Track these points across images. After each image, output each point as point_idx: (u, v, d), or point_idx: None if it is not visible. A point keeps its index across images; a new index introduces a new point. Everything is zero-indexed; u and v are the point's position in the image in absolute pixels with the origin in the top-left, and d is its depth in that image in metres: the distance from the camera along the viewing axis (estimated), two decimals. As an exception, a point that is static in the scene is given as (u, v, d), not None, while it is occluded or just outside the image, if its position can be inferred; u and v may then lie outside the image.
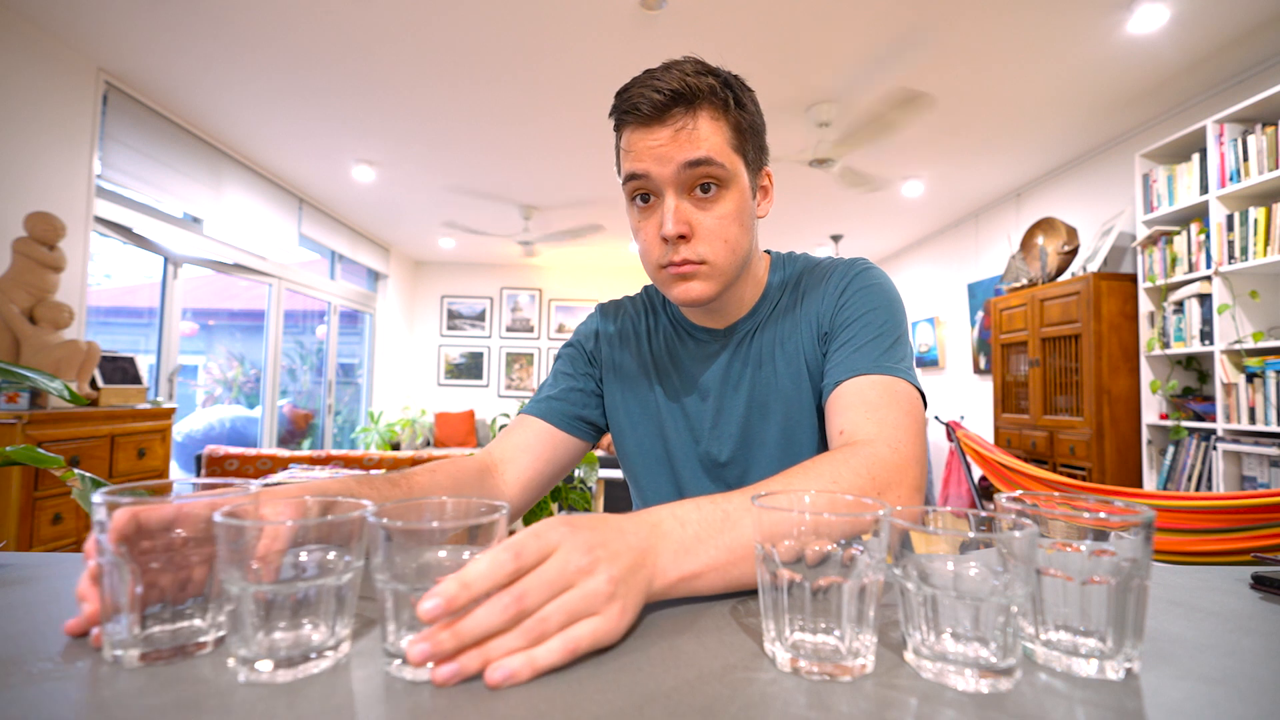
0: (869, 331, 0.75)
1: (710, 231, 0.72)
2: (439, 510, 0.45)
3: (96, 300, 3.17)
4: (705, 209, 0.72)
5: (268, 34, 2.71)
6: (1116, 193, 3.67)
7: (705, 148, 0.69)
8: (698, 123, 0.69)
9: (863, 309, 0.77)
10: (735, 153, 0.72)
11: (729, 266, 0.75)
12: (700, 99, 0.69)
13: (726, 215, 0.72)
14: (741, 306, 0.86)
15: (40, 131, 2.69)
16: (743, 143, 0.73)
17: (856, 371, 0.72)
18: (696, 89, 0.69)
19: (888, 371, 0.71)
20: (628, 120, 0.72)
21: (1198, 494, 2.12)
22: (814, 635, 0.40)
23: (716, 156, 0.70)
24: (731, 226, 0.73)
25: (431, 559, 0.41)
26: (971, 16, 2.50)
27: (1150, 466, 3.14)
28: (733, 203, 0.73)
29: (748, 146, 0.74)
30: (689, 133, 0.69)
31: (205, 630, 0.42)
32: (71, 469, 0.78)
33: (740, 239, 0.74)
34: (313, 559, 0.40)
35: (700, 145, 0.69)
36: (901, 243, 6.27)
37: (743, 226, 0.74)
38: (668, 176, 0.70)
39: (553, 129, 3.64)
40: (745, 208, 0.75)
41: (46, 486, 2.20)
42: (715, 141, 0.70)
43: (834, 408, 0.72)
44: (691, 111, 0.69)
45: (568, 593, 0.39)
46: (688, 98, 0.69)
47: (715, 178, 0.71)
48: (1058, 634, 0.41)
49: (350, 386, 6.51)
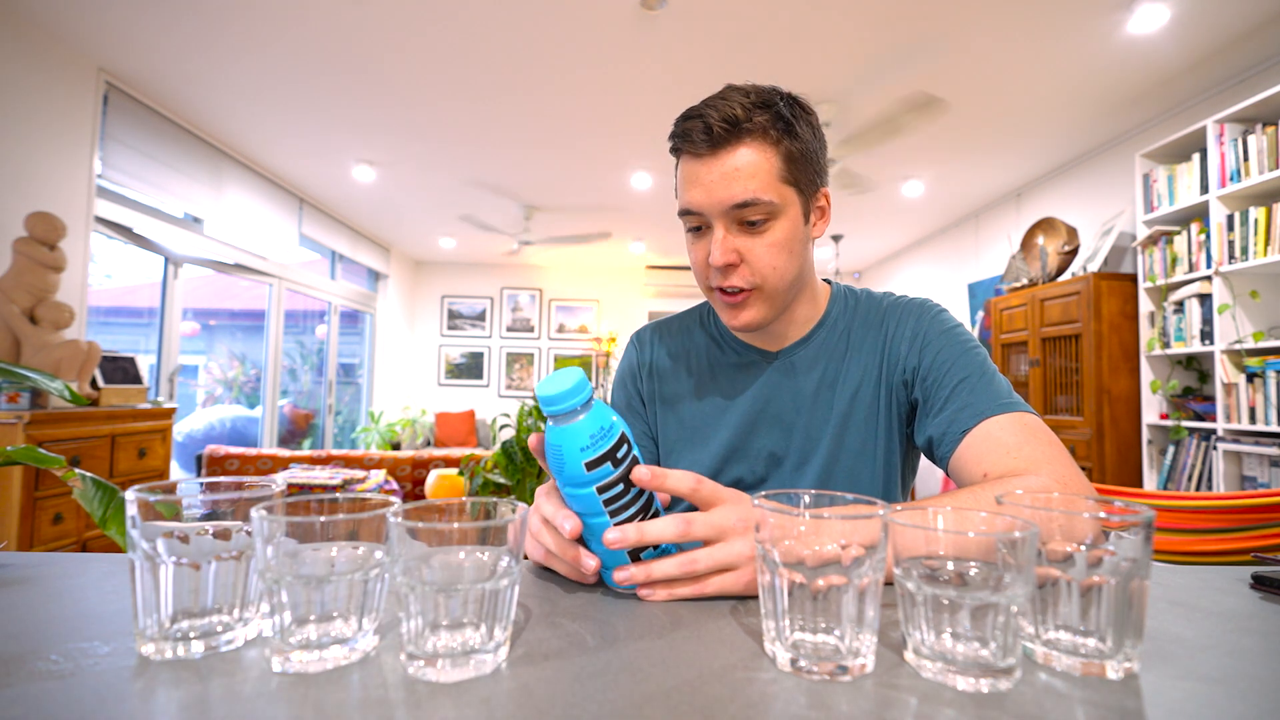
0: (974, 372, 0.73)
1: (758, 258, 0.74)
2: (459, 511, 0.45)
3: (97, 300, 3.17)
4: (754, 236, 0.74)
5: (268, 34, 2.71)
6: (1117, 193, 3.67)
7: (753, 187, 0.71)
8: (746, 159, 0.71)
9: (957, 350, 0.76)
10: (785, 184, 0.73)
11: (777, 291, 0.76)
12: (751, 133, 0.71)
13: (775, 244, 0.74)
14: (796, 331, 0.86)
15: (41, 131, 2.69)
16: (794, 172, 0.74)
17: (982, 415, 0.70)
18: (746, 123, 0.70)
19: (1010, 409, 0.70)
20: (682, 149, 0.75)
21: (1198, 494, 2.11)
22: (814, 635, 0.40)
23: (763, 195, 0.71)
24: (780, 255, 0.74)
25: (452, 559, 0.41)
26: (971, 17, 2.50)
27: (1150, 466, 3.13)
28: (782, 232, 0.74)
29: (800, 174, 0.74)
30: (736, 171, 0.71)
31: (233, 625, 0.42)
32: (72, 469, 0.78)
33: (788, 265, 0.75)
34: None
35: (748, 185, 0.71)
36: (901, 243, 6.27)
37: (791, 253, 0.75)
38: (716, 212, 0.73)
39: (553, 129, 3.64)
40: (795, 234, 0.75)
41: (47, 486, 2.20)
42: (763, 178, 0.71)
43: (969, 455, 0.69)
44: (740, 145, 0.71)
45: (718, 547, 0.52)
46: (737, 131, 0.71)
47: (764, 213, 0.73)
48: (1058, 634, 0.41)
49: (351, 386, 6.51)
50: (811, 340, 0.86)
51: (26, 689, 0.35)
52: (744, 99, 0.72)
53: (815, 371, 0.84)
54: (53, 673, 0.37)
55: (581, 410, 0.50)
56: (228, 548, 0.42)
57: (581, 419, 0.50)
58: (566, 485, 0.51)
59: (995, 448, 0.67)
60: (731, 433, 0.85)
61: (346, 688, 0.36)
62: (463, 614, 0.39)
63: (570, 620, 0.48)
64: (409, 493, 3.85)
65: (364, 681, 0.37)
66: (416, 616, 0.39)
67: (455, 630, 0.39)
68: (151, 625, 0.40)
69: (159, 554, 0.40)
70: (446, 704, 0.34)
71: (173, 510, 0.42)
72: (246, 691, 0.36)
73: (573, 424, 0.50)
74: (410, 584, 0.39)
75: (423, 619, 0.39)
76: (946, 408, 0.73)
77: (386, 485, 3.65)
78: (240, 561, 0.43)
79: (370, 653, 0.41)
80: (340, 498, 0.44)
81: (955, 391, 0.73)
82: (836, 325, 0.86)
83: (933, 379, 0.76)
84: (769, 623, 0.41)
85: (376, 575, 0.41)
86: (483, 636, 0.39)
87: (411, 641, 0.39)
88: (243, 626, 0.42)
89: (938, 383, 0.75)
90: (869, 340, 0.83)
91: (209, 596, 0.42)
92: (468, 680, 0.37)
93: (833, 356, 0.84)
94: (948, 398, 0.74)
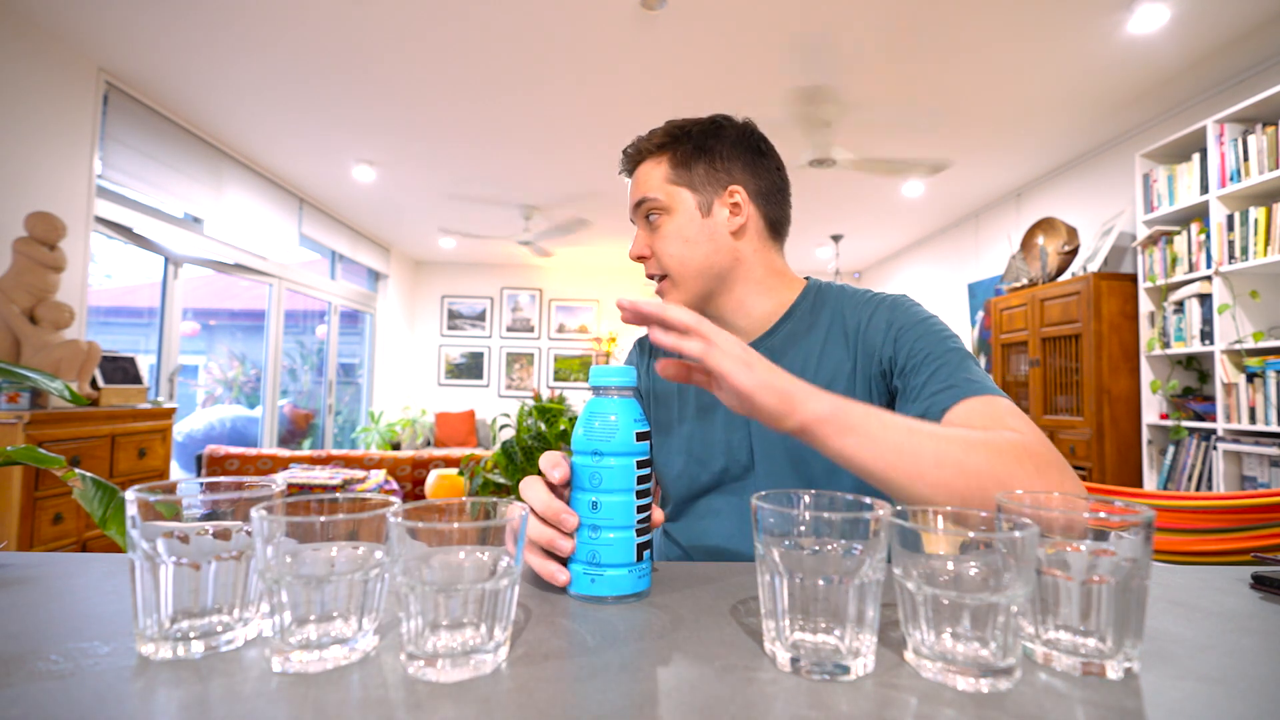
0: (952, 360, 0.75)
1: (659, 249, 0.87)
2: (459, 511, 0.45)
3: (97, 300, 3.17)
4: (654, 231, 0.88)
5: (268, 34, 2.71)
6: (1117, 193, 3.67)
7: (642, 190, 0.88)
8: (643, 172, 0.89)
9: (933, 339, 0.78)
10: (673, 184, 0.86)
11: (684, 278, 0.87)
12: (649, 153, 0.88)
13: (668, 235, 0.86)
14: (753, 323, 0.88)
15: (41, 131, 2.69)
16: (684, 175, 0.86)
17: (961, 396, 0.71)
18: (645, 144, 0.89)
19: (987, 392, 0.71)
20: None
21: (1198, 494, 2.11)
22: (814, 635, 0.40)
23: (649, 194, 0.87)
24: (674, 243, 0.86)
25: (452, 559, 0.41)
26: (972, 17, 2.50)
27: (1150, 466, 3.13)
28: (673, 224, 0.86)
29: (692, 176, 0.86)
30: (637, 181, 0.90)
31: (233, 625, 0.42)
32: (72, 469, 0.78)
33: (685, 252, 0.86)
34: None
35: (640, 189, 0.88)
36: (901, 243, 6.27)
37: (687, 242, 0.86)
38: (632, 217, 0.91)
39: (554, 128, 3.64)
40: (687, 226, 0.86)
41: (47, 486, 2.20)
42: (652, 181, 0.87)
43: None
44: (642, 163, 0.89)
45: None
46: (639, 155, 0.89)
47: (655, 209, 0.87)
48: (1058, 634, 0.41)
49: (351, 386, 6.51)
50: (777, 332, 0.88)
51: (26, 689, 0.35)
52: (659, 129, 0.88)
53: (783, 362, 0.84)
54: (53, 673, 0.37)
55: (631, 392, 0.58)
56: (228, 548, 0.42)
57: (631, 397, 0.58)
58: (613, 454, 0.55)
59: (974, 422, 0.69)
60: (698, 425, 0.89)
61: (346, 688, 0.36)
62: (463, 614, 0.39)
63: (570, 620, 0.48)
64: (409, 493, 3.85)
65: (364, 681, 0.37)
66: (416, 616, 0.39)
67: (455, 630, 0.39)
68: (151, 625, 0.40)
69: (159, 554, 0.40)
70: (446, 704, 0.34)
71: (173, 510, 0.42)
72: (246, 691, 0.36)
73: (628, 398, 0.57)
74: (410, 584, 0.39)
75: (423, 619, 0.39)
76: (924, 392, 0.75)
77: (386, 485, 3.65)
78: (240, 561, 0.43)
79: (370, 653, 0.41)
80: (340, 498, 0.44)
81: (933, 377, 0.75)
82: (804, 318, 0.88)
83: (911, 366, 0.78)
84: (769, 623, 0.41)
85: (376, 575, 0.41)
86: (483, 636, 0.39)
87: (411, 641, 0.39)
88: (243, 626, 0.42)
89: (915, 369, 0.77)
90: (841, 331, 0.84)
91: (209, 596, 0.42)
92: (468, 680, 0.37)
93: (801, 347, 0.85)
94: (925, 382, 0.75)
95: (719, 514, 0.85)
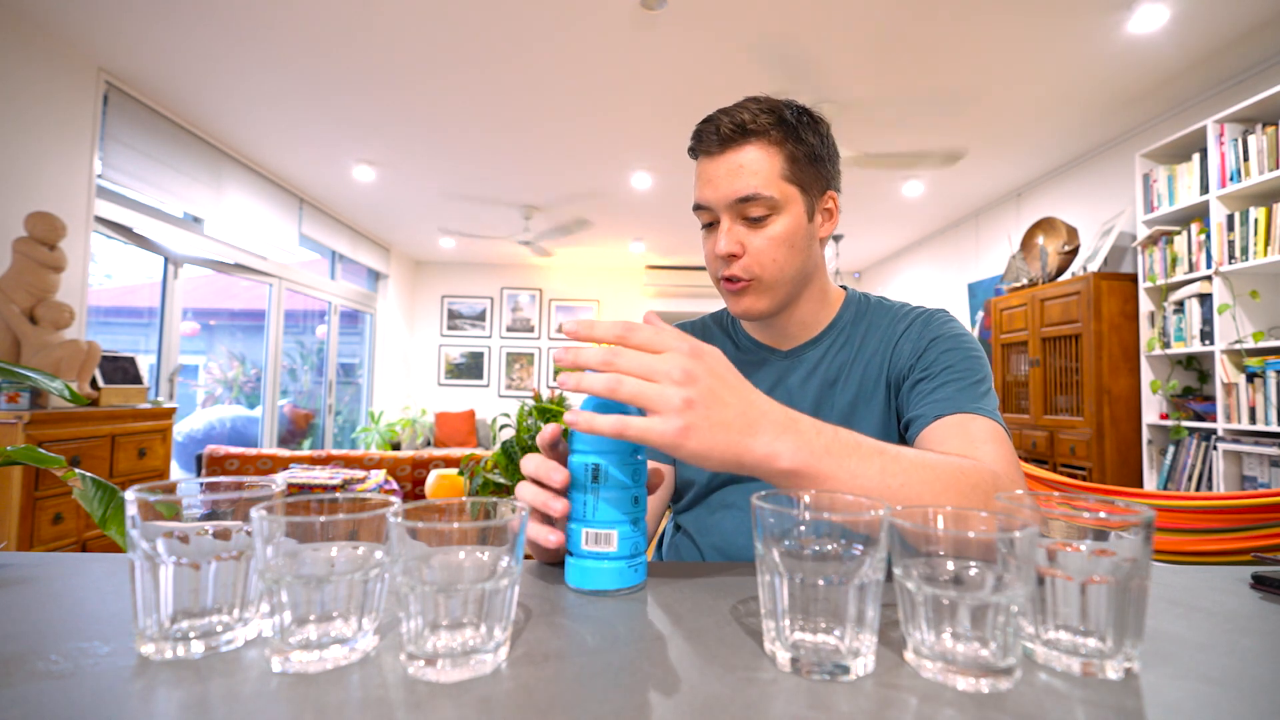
0: (968, 376, 0.76)
1: (759, 251, 0.79)
2: (459, 511, 0.45)
3: (97, 300, 3.17)
4: (756, 230, 0.79)
5: (269, 34, 2.71)
6: (1117, 193, 3.67)
7: (755, 183, 0.77)
8: (750, 157, 0.78)
9: (959, 354, 0.79)
10: (787, 182, 0.79)
11: (776, 283, 0.81)
12: (756, 135, 0.78)
13: (775, 238, 0.79)
14: (805, 330, 0.89)
15: (41, 131, 2.69)
16: (797, 172, 0.79)
17: (959, 409, 0.72)
18: (752, 126, 0.77)
19: (988, 415, 0.72)
20: (698, 150, 0.82)
21: (1198, 494, 2.11)
22: (814, 635, 0.40)
23: (764, 190, 0.77)
24: (779, 249, 0.79)
25: (452, 559, 0.41)
26: (972, 17, 2.50)
27: (1150, 466, 3.13)
28: (782, 227, 0.79)
29: (804, 175, 0.80)
30: (741, 168, 0.78)
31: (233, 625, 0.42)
32: (72, 469, 0.78)
33: (788, 259, 0.80)
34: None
35: (750, 181, 0.77)
36: (901, 243, 6.27)
37: (792, 247, 0.80)
38: (722, 206, 0.79)
39: (554, 128, 3.64)
40: (796, 231, 0.80)
41: (47, 486, 2.20)
42: (765, 175, 0.77)
43: (935, 435, 0.72)
44: (746, 145, 0.78)
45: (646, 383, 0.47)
46: (744, 133, 0.78)
47: (765, 208, 0.78)
48: (1058, 634, 0.41)
49: (351, 386, 6.51)
50: (821, 341, 0.88)
51: (26, 689, 0.35)
52: (754, 105, 0.79)
53: (821, 370, 0.86)
54: (53, 673, 0.37)
55: None
56: (228, 548, 0.42)
57: None
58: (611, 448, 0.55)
59: (960, 435, 0.70)
60: None
61: (346, 688, 0.36)
62: (463, 614, 0.39)
63: (570, 620, 0.48)
64: (409, 493, 3.85)
65: (364, 681, 0.37)
66: (416, 616, 0.39)
67: (455, 630, 0.39)
68: (151, 625, 0.40)
69: (159, 554, 0.40)
70: (446, 704, 0.34)
71: (173, 510, 0.42)
72: (246, 691, 0.36)
73: None
74: (410, 584, 0.39)
75: (423, 619, 0.39)
76: (932, 396, 0.76)
77: (386, 485, 3.65)
78: (240, 561, 0.43)
79: (370, 653, 0.41)
80: (340, 498, 0.44)
81: (944, 385, 0.76)
82: (847, 329, 0.89)
83: (930, 372, 0.79)
84: (769, 623, 0.41)
85: (376, 575, 0.41)
86: (483, 636, 0.39)
87: (411, 641, 0.39)
88: (243, 626, 0.42)
89: (931, 375, 0.78)
90: (877, 344, 0.85)
91: (209, 596, 0.42)
92: (468, 680, 0.37)
93: (840, 358, 0.86)
94: (936, 388, 0.76)
95: (733, 507, 0.85)
